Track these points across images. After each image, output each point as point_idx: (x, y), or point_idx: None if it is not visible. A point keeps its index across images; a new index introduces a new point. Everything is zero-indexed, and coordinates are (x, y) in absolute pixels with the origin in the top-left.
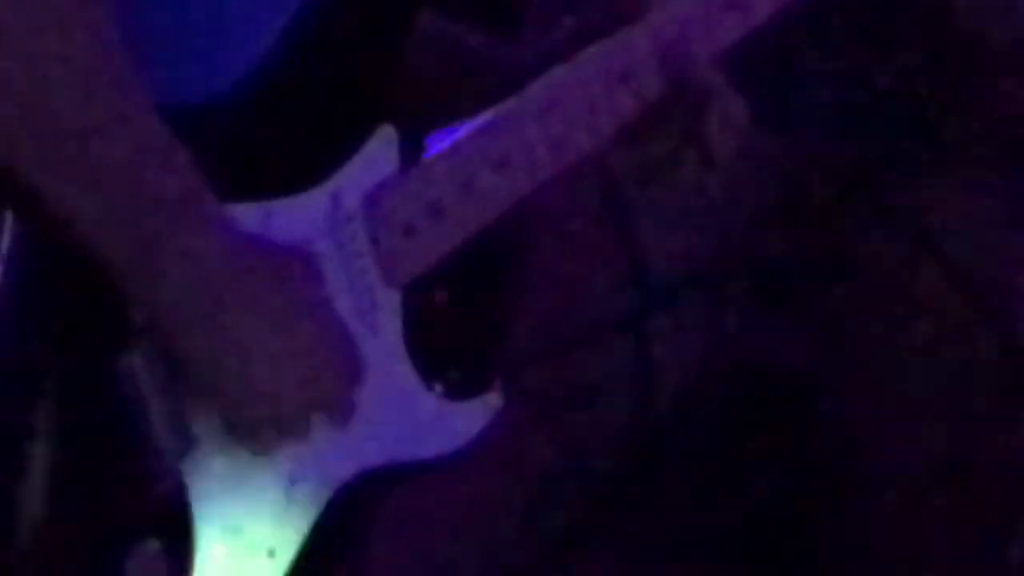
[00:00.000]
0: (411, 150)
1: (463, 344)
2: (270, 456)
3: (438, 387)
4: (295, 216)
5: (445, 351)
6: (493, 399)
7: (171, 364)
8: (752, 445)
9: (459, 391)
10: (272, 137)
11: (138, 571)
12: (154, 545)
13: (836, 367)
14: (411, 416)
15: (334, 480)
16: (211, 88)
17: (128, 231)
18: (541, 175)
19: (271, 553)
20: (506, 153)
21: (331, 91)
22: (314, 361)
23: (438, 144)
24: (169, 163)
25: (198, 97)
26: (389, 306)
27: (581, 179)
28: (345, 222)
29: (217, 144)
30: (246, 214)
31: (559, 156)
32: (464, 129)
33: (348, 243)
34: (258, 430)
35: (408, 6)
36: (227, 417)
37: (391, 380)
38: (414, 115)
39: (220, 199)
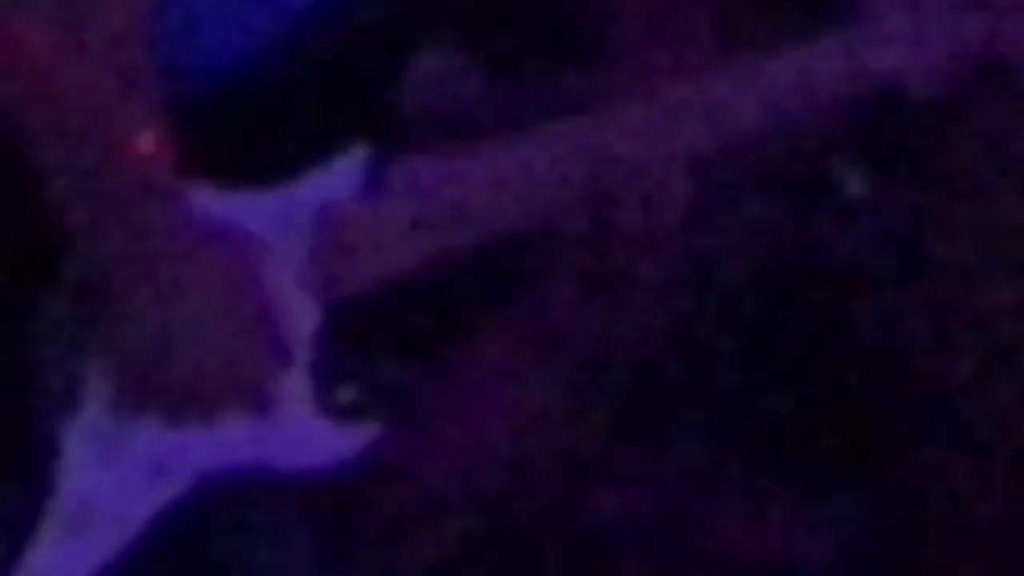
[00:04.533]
0: (378, 174)
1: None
2: (150, 433)
3: (328, 401)
4: (250, 209)
5: (345, 369)
6: (374, 424)
7: (88, 320)
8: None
9: (347, 410)
10: (252, 125)
11: None
12: (12, 488)
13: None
14: (292, 423)
15: (198, 472)
16: (212, 63)
17: (91, 191)
18: (488, 230)
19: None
20: (463, 202)
21: (321, 95)
22: (244, 345)
23: (405, 174)
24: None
25: (200, 68)
26: (310, 316)
27: None
28: (293, 227)
29: (201, 120)
30: (206, 195)
31: (508, 219)
32: (435, 165)
33: (290, 248)
34: (168, 401)
35: (416, 32)
36: (136, 383)
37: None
38: (390, 140)
39: (188, 173)
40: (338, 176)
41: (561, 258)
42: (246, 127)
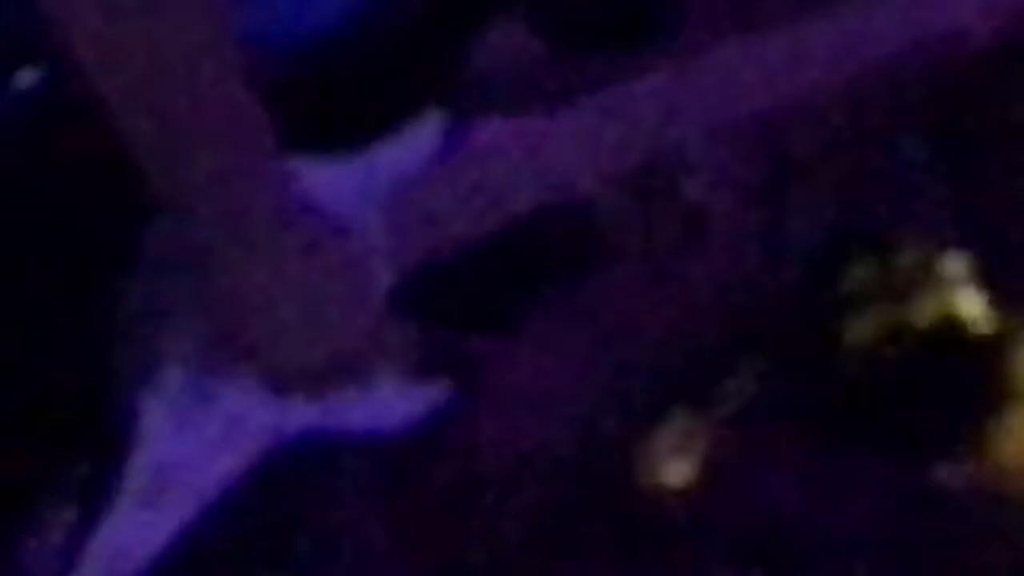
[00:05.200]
0: (453, 141)
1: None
2: (226, 400)
3: (401, 367)
4: (328, 178)
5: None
6: (439, 389)
7: (172, 286)
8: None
9: (419, 375)
10: (329, 96)
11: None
12: (90, 459)
13: None
14: (362, 389)
15: (272, 430)
16: (289, 36)
17: (191, 163)
18: (571, 191)
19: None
20: (537, 164)
21: (395, 64)
22: (338, 316)
23: (479, 138)
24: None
25: (278, 42)
26: (384, 282)
27: None
28: (371, 195)
29: (280, 92)
30: (289, 166)
31: (585, 182)
32: (509, 127)
33: (368, 217)
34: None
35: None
36: (226, 339)
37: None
38: (465, 106)
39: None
40: (414, 144)
41: (634, 227)
42: (322, 98)
